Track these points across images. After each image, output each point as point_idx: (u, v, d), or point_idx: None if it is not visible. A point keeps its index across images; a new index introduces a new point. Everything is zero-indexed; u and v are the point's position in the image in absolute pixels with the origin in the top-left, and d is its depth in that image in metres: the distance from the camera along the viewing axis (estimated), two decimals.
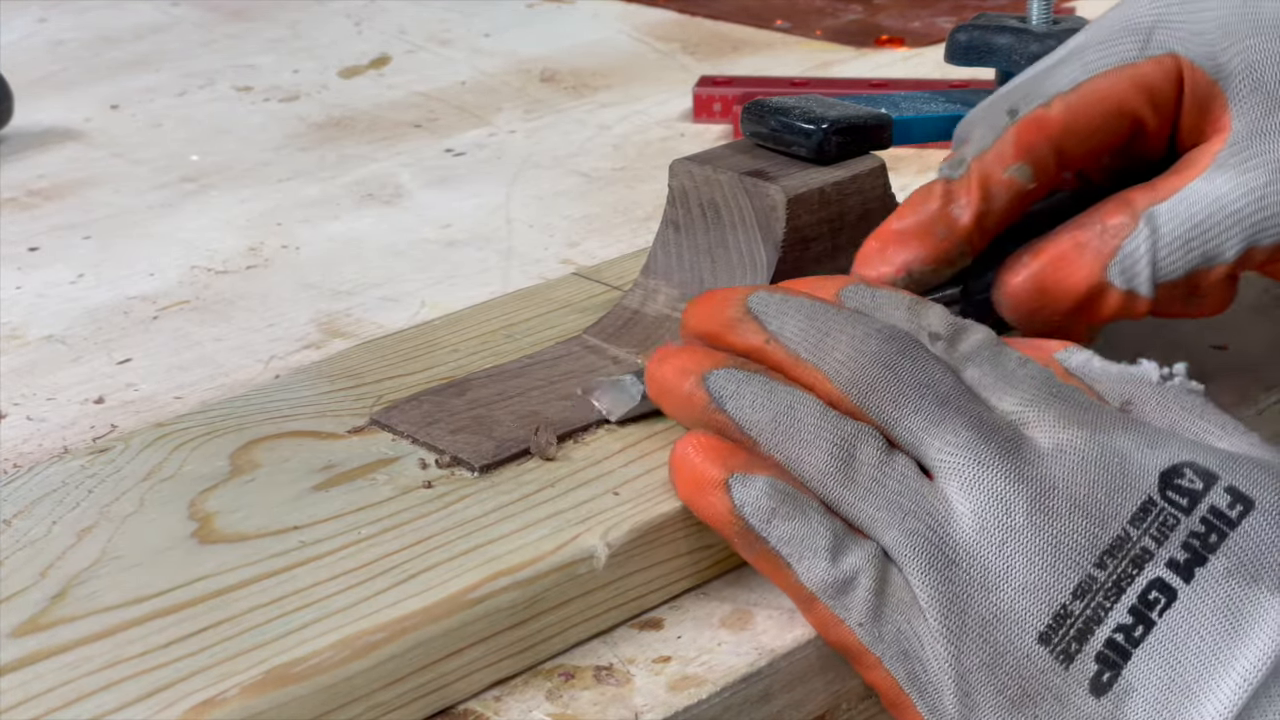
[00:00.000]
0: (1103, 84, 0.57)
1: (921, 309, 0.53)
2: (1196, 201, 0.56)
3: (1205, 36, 0.57)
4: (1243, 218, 0.56)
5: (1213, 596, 0.46)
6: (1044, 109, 0.57)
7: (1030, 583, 0.47)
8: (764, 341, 0.52)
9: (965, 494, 0.48)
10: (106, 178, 0.89)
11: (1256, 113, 0.57)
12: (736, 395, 0.51)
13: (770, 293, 0.53)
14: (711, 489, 0.50)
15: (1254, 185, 0.56)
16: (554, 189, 0.85)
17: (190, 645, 0.46)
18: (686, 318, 0.55)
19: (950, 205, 0.57)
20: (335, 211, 0.83)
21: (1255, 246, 0.56)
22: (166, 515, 0.52)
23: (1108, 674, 0.46)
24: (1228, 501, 0.47)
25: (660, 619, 0.52)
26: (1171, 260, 0.56)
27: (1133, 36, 0.57)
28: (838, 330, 0.52)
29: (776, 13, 1.14)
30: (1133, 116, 0.58)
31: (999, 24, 0.71)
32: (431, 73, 1.05)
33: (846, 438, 0.50)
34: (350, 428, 0.57)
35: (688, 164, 0.62)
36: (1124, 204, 0.57)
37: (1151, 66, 0.57)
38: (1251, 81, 0.57)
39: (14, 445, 0.61)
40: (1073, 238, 0.57)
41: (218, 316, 0.72)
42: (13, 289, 0.75)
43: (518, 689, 0.49)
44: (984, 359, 0.52)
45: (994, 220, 0.57)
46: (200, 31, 1.15)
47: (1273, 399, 0.63)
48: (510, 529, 0.51)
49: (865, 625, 0.48)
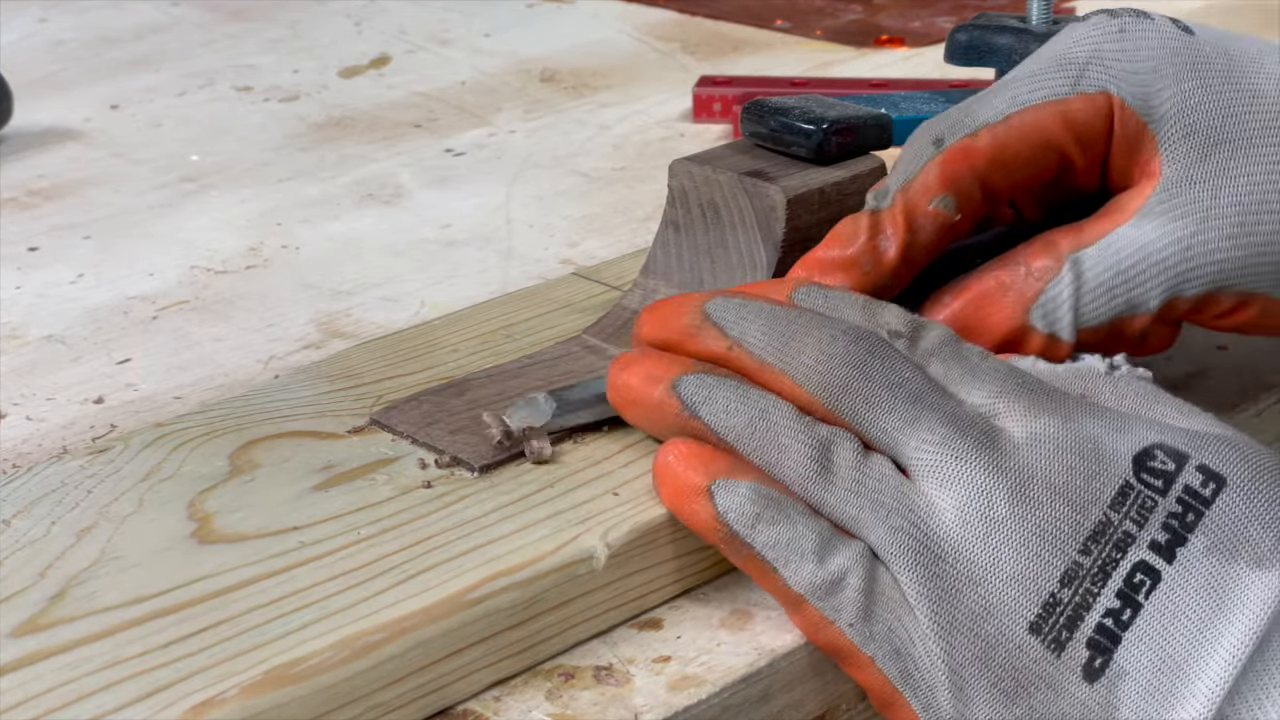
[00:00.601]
0: (1030, 117, 0.56)
1: (876, 308, 0.53)
2: (1122, 248, 0.56)
3: (1139, 76, 0.57)
4: (1167, 267, 0.56)
5: (1195, 575, 0.47)
6: (970, 139, 0.56)
7: (1017, 573, 0.47)
8: (727, 348, 0.52)
9: (946, 489, 0.48)
10: (106, 178, 0.89)
11: (1187, 160, 0.56)
12: (709, 401, 0.51)
13: (728, 298, 0.53)
14: (694, 496, 0.50)
15: (1180, 235, 0.56)
16: (554, 189, 0.85)
17: (190, 645, 0.46)
18: (641, 326, 0.55)
19: (877, 237, 0.56)
20: (335, 211, 0.83)
21: (1178, 297, 0.56)
22: (166, 515, 0.52)
23: (1099, 659, 0.46)
24: (1200, 480, 0.48)
25: (660, 619, 0.52)
26: (1095, 307, 0.56)
27: (1065, 71, 0.57)
28: (802, 333, 0.51)
29: (776, 13, 1.14)
30: (1059, 152, 0.57)
31: (999, 24, 0.72)
32: (431, 73, 1.05)
33: (822, 441, 0.50)
34: (350, 428, 0.57)
35: (688, 164, 0.62)
36: (1049, 246, 0.56)
37: (1082, 104, 0.56)
38: (1184, 127, 0.56)
39: (13, 445, 0.61)
40: (996, 278, 0.56)
41: (217, 316, 0.72)
42: (13, 289, 0.75)
43: (517, 689, 0.49)
44: (946, 354, 0.52)
45: (919, 252, 0.56)
46: (200, 31, 1.15)
47: (1273, 399, 0.63)
48: (510, 529, 0.51)
49: (856, 625, 0.48)
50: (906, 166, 0.57)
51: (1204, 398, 0.58)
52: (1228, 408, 0.62)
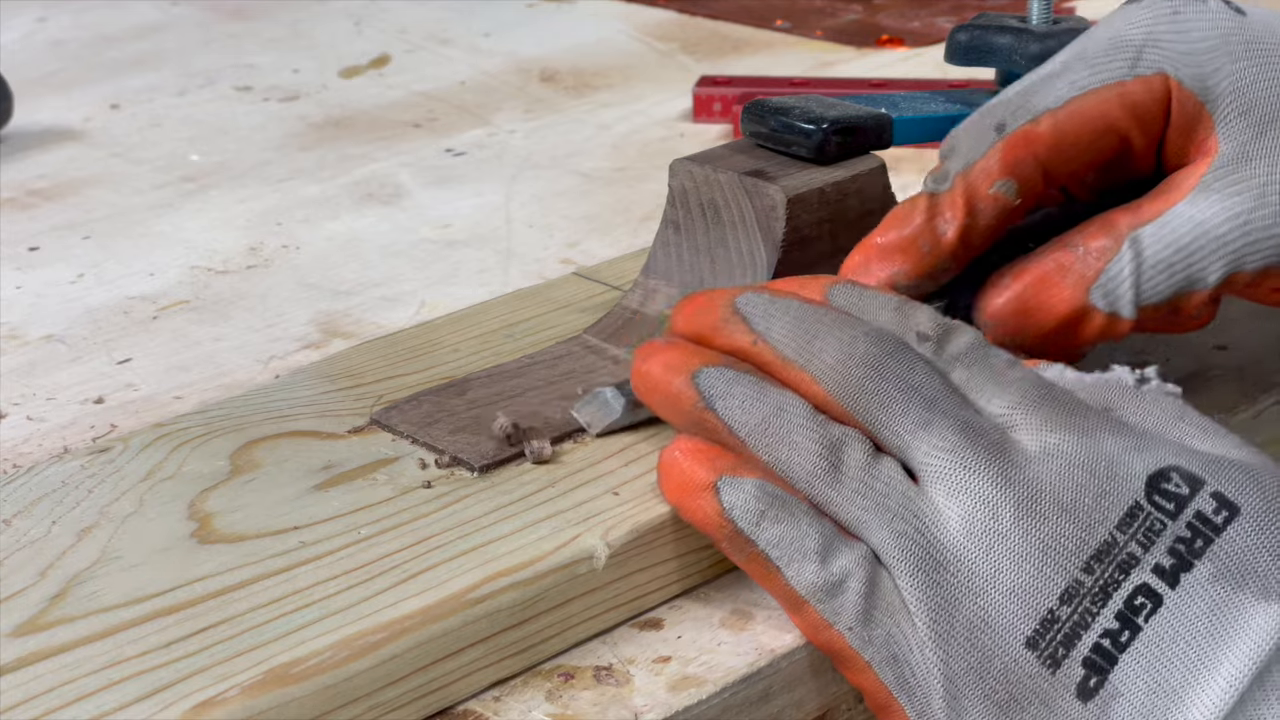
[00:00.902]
0: (1091, 102, 0.57)
1: (910, 310, 0.53)
2: (1180, 225, 0.56)
3: (1194, 57, 0.57)
4: (1226, 243, 0.56)
5: (1198, 603, 0.46)
6: (1032, 125, 0.57)
7: (1017, 587, 0.47)
8: (751, 342, 0.52)
9: (953, 498, 0.48)
10: (106, 177, 0.89)
11: (1243, 137, 0.56)
12: (726, 395, 0.51)
13: (758, 293, 0.53)
14: (700, 492, 0.50)
15: (1238, 210, 0.56)
16: (553, 189, 0.85)
17: (190, 645, 0.46)
18: (675, 318, 0.55)
19: (935, 220, 0.57)
20: (335, 211, 0.83)
21: (1238, 271, 0.56)
22: (166, 515, 0.52)
23: (1094, 679, 0.46)
24: (1213, 507, 0.47)
25: (660, 619, 0.52)
26: (1154, 284, 0.56)
27: (1122, 54, 0.57)
28: (825, 332, 0.52)
29: (776, 13, 1.14)
30: (1120, 136, 0.57)
31: (999, 24, 0.71)
32: (431, 72, 1.05)
33: (833, 441, 0.50)
34: (350, 428, 0.57)
35: (688, 164, 0.62)
36: (1107, 226, 0.57)
37: (1140, 86, 0.57)
38: (1239, 105, 0.57)
39: (14, 445, 0.61)
40: (1055, 259, 0.57)
41: (218, 316, 0.72)
42: (13, 289, 0.75)
43: (517, 689, 0.49)
44: (972, 360, 0.52)
45: (979, 236, 0.57)
46: (200, 31, 1.15)
47: (1272, 399, 0.63)
48: (510, 529, 0.51)
49: (855, 629, 0.48)
50: (967, 151, 0.57)
51: (1204, 398, 0.58)
52: (1228, 408, 0.62)
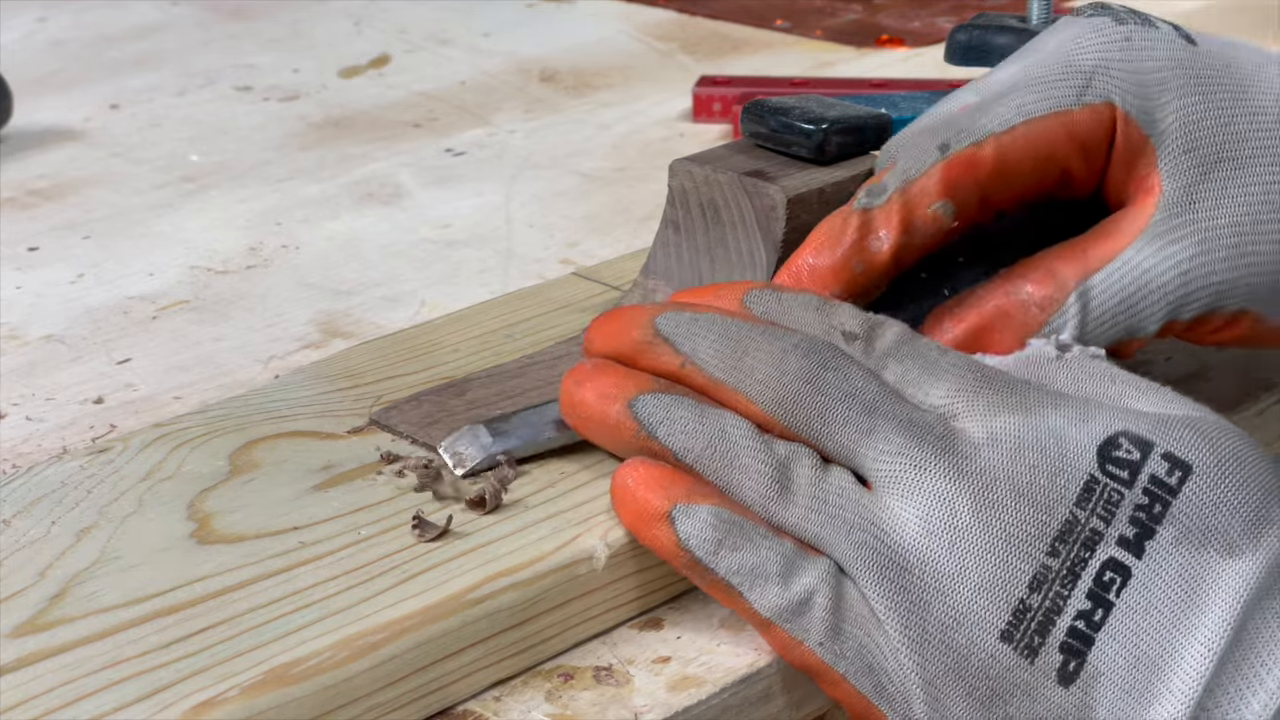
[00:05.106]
0: (1037, 129, 0.56)
1: (831, 309, 0.53)
2: (1126, 274, 0.55)
3: (1144, 89, 0.56)
4: (1167, 292, 0.56)
5: (1166, 569, 0.46)
6: (976, 149, 0.56)
7: (985, 581, 0.47)
8: (679, 365, 0.51)
9: (907, 500, 0.48)
10: (106, 177, 0.89)
11: (1188, 178, 0.56)
12: (667, 421, 0.50)
13: (678, 312, 0.52)
14: (655, 522, 0.50)
15: (1180, 259, 0.55)
16: (553, 189, 0.85)
17: (190, 645, 0.46)
18: (592, 337, 0.54)
19: (867, 237, 0.56)
20: (335, 211, 0.83)
21: (1175, 320, 0.56)
22: (166, 515, 0.52)
23: (1073, 663, 0.46)
24: (1166, 469, 0.47)
25: (660, 619, 0.52)
26: (1096, 335, 0.55)
27: (1071, 80, 0.56)
28: (755, 349, 0.51)
29: (776, 13, 1.14)
30: (1063, 165, 0.56)
31: (999, 24, 0.71)
32: (431, 72, 1.05)
33: (781, 460, 0.49)
34: (350, 428, 0.57)
35: (687, 164, 0.62)
36: (1050, 275, 0.56)
37: (1087, 115, 0.56)
38: (1184, 143, 0.56)
39: (13, 445, 0.61)
40: (998, 307, 0.56)
41: (217, 316, 0.72)
42: (12, 289, 0.75)
43: (517, 689, 0.49)
44: (904, 354, 0.51)
45: (912, 255, 0.56)
46: (200, 31, 1.15)
47: (1273, 399, 0.63)
48: (510, 529, 0.51)
49: (825, 644, 0.48)
50: (906, 166, 0.56)
51: (1204, 398, 0.58)
52: (1228, 407, 0.62)
